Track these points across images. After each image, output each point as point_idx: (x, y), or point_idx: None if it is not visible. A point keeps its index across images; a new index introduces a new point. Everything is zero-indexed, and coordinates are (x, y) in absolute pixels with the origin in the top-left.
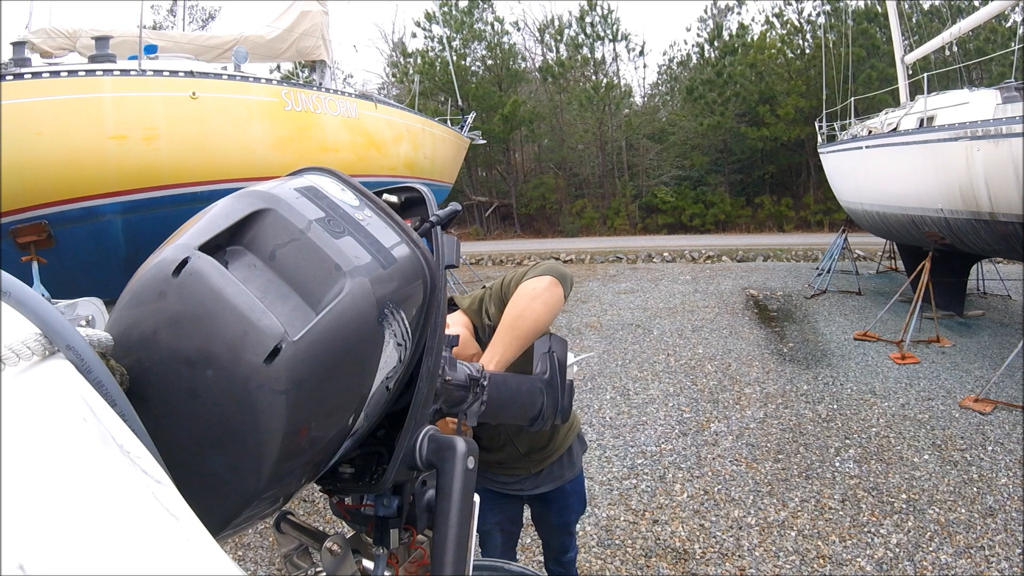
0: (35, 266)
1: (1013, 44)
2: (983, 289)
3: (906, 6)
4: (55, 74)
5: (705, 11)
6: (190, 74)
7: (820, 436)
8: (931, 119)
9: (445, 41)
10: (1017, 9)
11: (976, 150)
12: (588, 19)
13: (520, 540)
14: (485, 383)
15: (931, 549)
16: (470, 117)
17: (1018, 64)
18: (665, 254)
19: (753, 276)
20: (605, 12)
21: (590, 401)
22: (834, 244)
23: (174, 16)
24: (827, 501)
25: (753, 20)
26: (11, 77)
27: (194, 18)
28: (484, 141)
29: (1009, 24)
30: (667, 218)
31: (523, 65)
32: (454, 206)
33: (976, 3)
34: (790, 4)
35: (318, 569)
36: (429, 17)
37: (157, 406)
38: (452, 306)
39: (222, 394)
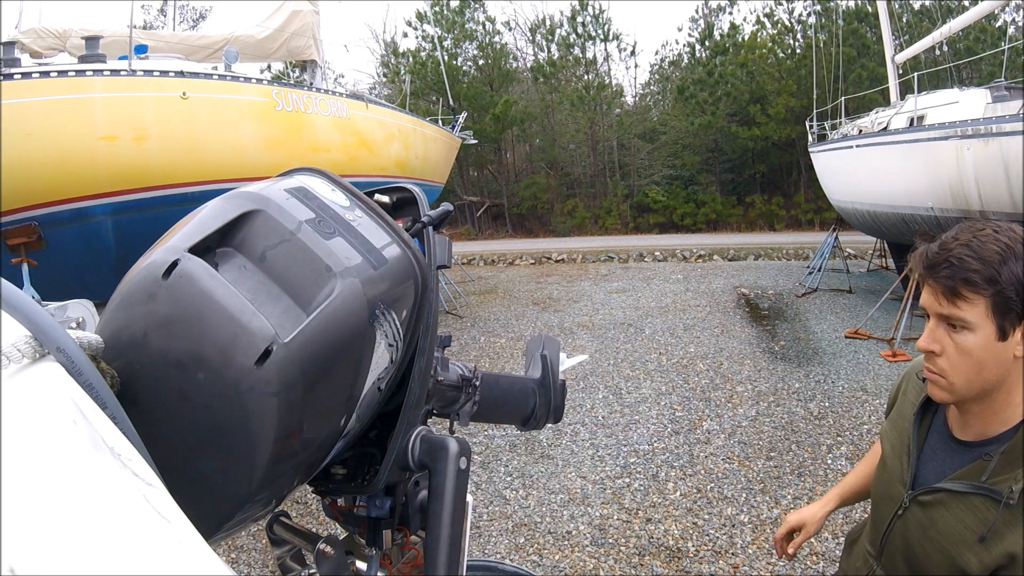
0: (25, 268)
1: (1003, 44)
2: None
3: (896, 6)
4: (45, 74)
5: (696, 11)
6: (180, 74)
7: (812, 433)
8: (921, 118)
9: (436, 41)
10: (1007, 9)
11: (966, 149)
12: (579, 19)
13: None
14: (477, 383)
15: None
16: (461, 117)
17: (1008, 64)
18: (657, 253)
19: (744, 275)
20: (596, 12)
21: (583, 400)
22: (825, 243)
23: (164, 16)
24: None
25: (744, 20)
26: (1, 78)
27: (184, 18)
28: (475, 141)
29: (999, 24)
30: (658, 217)
31: (514, 65)
32: (446, 206)
33: (966, 3)
34: (781, 4)
35: (311, 571)
36: (420, 17)
37: (148, 409)
38: None
39: (213, 396)
